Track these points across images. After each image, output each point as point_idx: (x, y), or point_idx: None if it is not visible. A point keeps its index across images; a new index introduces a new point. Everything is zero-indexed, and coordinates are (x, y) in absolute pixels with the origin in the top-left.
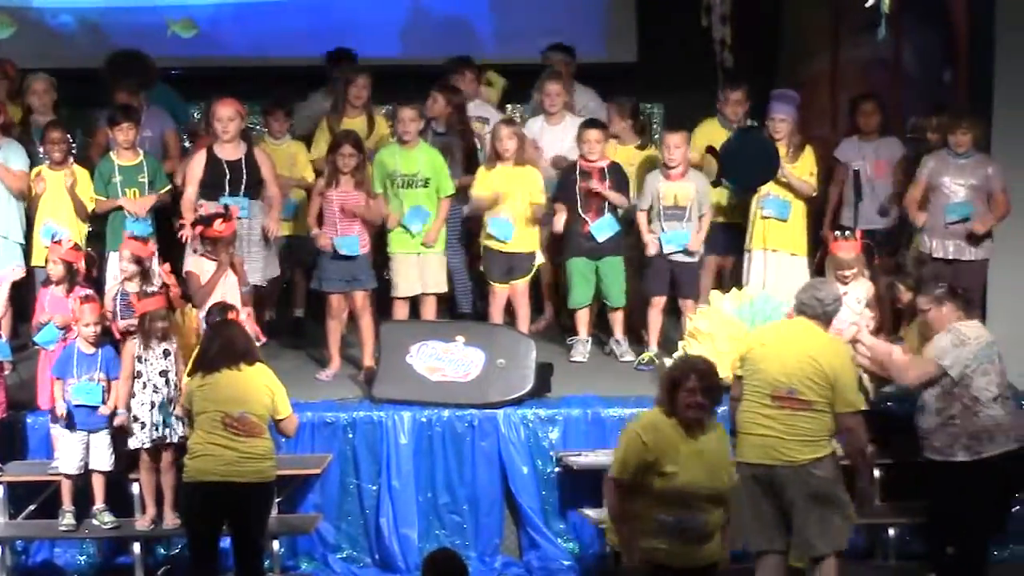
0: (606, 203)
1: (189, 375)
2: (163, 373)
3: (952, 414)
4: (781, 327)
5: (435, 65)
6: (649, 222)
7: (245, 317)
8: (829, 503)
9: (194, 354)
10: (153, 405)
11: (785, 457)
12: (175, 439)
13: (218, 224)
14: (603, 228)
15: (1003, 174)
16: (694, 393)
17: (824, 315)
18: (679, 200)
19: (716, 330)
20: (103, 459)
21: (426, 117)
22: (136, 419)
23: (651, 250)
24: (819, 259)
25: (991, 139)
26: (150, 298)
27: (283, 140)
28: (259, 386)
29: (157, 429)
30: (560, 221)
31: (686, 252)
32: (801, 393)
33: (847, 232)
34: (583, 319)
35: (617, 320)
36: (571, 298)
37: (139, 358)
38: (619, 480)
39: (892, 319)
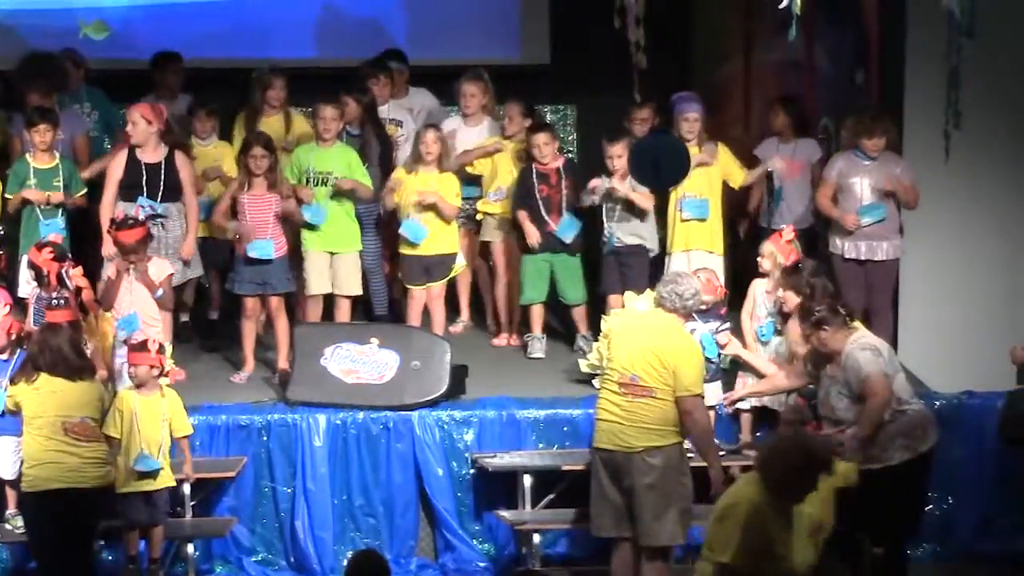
0: (565, 202)
1: (13, 381)
2: None
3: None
4: (638, 317)
5: (348, 67)
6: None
7: (160, 328)
8: (666, 494)
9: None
10: None
11: (624, 443)
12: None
13: (124, 230)
14: (568, 228)
15: (911, 170)
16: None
17: (683, 308)
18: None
19: None
20: (6, 466)
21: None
22: None
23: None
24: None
25: (902, 140)
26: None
27: (209, 141)
28: (94, 391)
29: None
30: (533, 235)
31: (640, 247)
32: (643, 380)
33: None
34: (536, 316)
35: (579, 317)
36: (523, 294)
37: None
38: (734, 567)
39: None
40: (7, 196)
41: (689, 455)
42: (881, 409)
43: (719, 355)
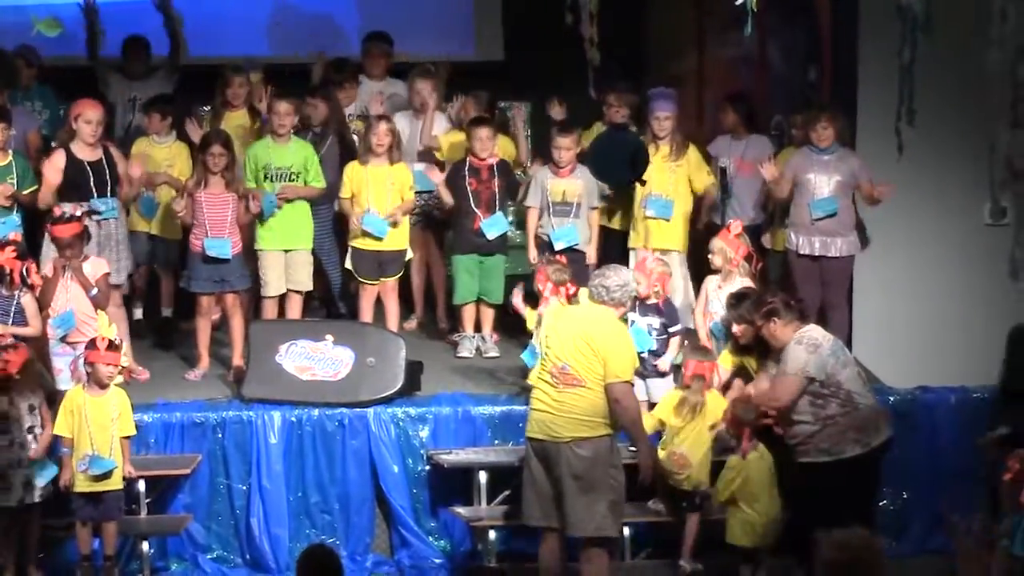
0: (496, 200)
1: None
2: (31, 429)
3: (829, 414)
4: (574, 309)
5: (301, 63)
6: (539, 216)
7: (96, 326)
8: (593, 486)
9: None
10: (21, 463)
11: (553, 433)
12: (36, 498)
13: (59, 224)
14: (494, 226)
15: (866, 166)
16: None
17: (612, 300)
18: (567, 196)
19: None
20: None
21: (306, 120)
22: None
23: (532, 257)
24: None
25: (856, 136)
26: (17, 351)
27: (166, 140)
28: None
29: (30, 487)
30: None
31: (575, 249)
32: (573, 369)
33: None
34: (468, 316)
35: (487, 318)
36: (456, 294)
37: (4, 415)
38: None
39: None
40: None
41: (632, 449)
42: (772, 404)
43: (651, 351)
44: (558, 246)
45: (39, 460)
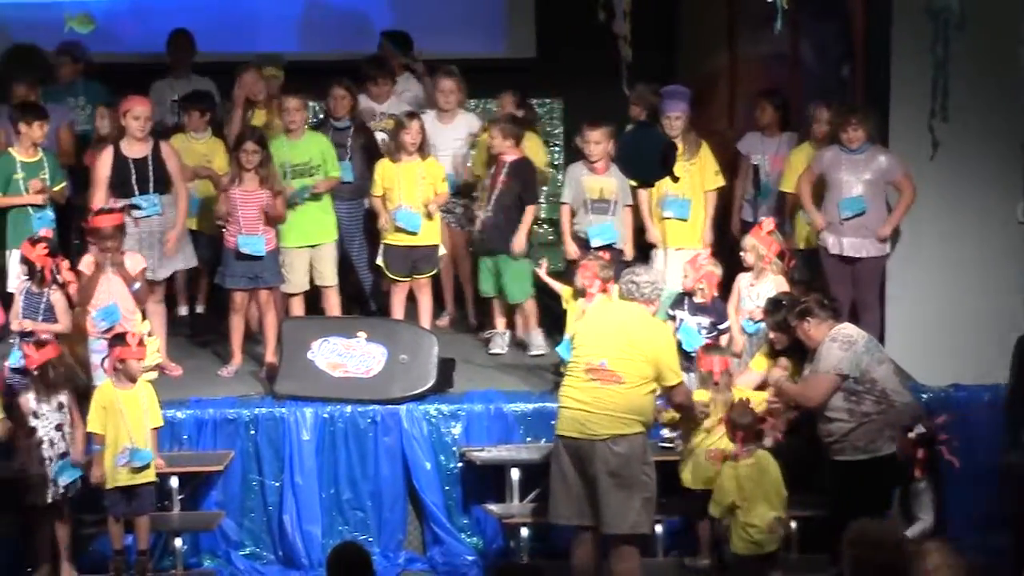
0: (494, 198)
1: None
2: (59, 427)
3: (865, 411)
4: (608, 307)
5: (333, 61)
6: (572, 214)
7: (136, 321)
8: (628, 483)
9: None
10: (51, 460)
11: (589, 431)
12: (72, 493)
13: (101, 215)
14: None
15: (899, 163)
16: None
17: (643, 296)
18: (604, 193)
19: None
20: None
21: (327, 112)
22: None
23: (571, 253)
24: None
25: (888, 134)
26: (44, 347)
27: (203, 136)
28: None
29: (55, 484)
30: (479, 214)
31: (610, 247)
32: (613, 365)
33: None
34: (497, 311)
35: (528, 314)
36: (480, 286)
37: (35, 413)
38: None
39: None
40: None
41: (668, 446)
42: (803, 402)
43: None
44: (595, 243)
45: (64, 459)
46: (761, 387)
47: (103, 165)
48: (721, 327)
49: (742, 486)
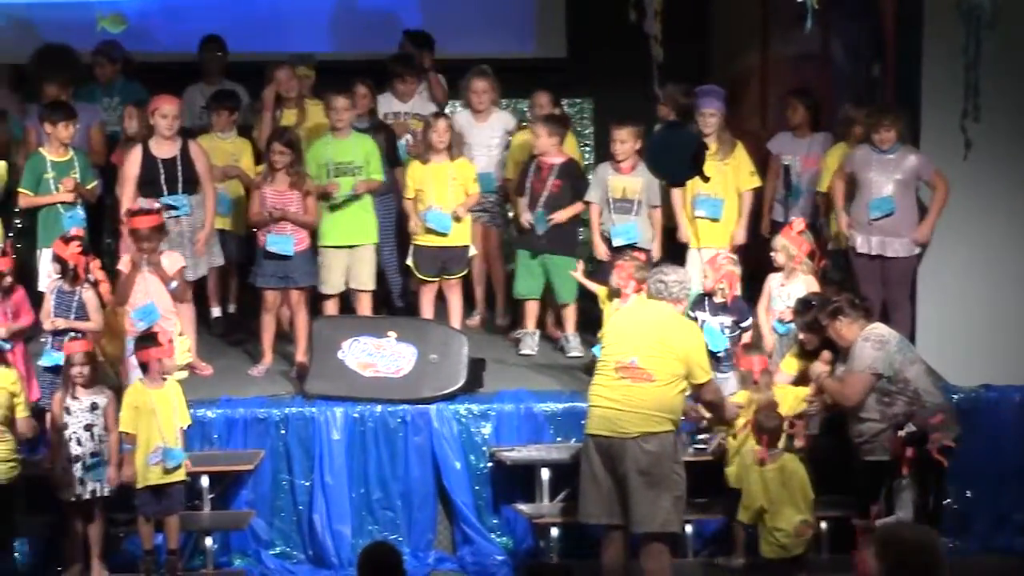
0: (552, 199)
1: None
2: (88, 427)
3: (896, 412)
4: (637, 306)
5: (363, 60)
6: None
7: (175, 321)
8: (658, 481)
9: None
10: (78, 460)
11: (620, 429)
12: (103, 493)
13: (139, 216)
14: (538, 222)
15: (929, 162)
16: None
17: (671, 296)
18: (627, 193)
19: None
20: None
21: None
22: (58, 473)
23: (600, 252)
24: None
25: (919, 134)
26: (75, 342)
27: (228, 136)
28: None
29: (83, 484)
30: (524, 215)
31: (633, 246)
32: (643, 363)
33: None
34: (530, 312)
35: (568, 317)
36: (516, 287)
37: (67, 409)
38: None
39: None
40: (24, 191)
41: (701, 447)
42: (841, 401)
43: (725, 350)
44: (616, 243)
45: (93, 459)
46: (795, 385)
47: (131, 164)
48: (743, 325)
49: (769, 490)
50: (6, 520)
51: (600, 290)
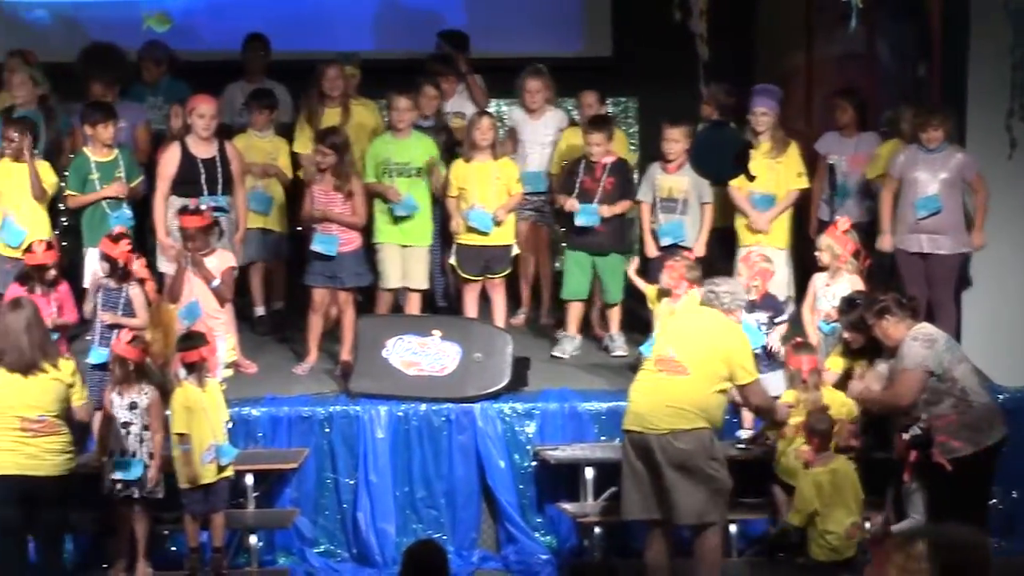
0: (605, 198)
1: None
2: (126, 425)
3: (942, 412)
4: (689, 307)
5: (408, 60)
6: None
7: (223, 320)
8: (693, 475)
9: None
10: (111, 455)
11: (649, 425)
12: (139, 494)
13: (187, 215)
14: (583, 214)
15: (974, 162)
16: None
17: (722, 306)
18: (673, 192)
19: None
20: None
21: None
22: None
23: (651, 251)
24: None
25: (965, 133)
26: (126, 345)
27: (266, 134)
28: (53, 386)
29: (111, 480)
30: (571, 204)
31: (680, 245)
32: (680, 356)
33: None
34: (574, 314)
35: (614, 316)
36: (565, 288)
37: (111, 403)
38: None
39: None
40: (71, 193)
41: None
42: (894, 403)
43: (763, 347)
44: (663, 242)
45: (124, 456)
46: (837, 386)
47: (168, 162)
48: (777, 321)
49: (822, 493)
50: (61, 514)
51: (649, 290)
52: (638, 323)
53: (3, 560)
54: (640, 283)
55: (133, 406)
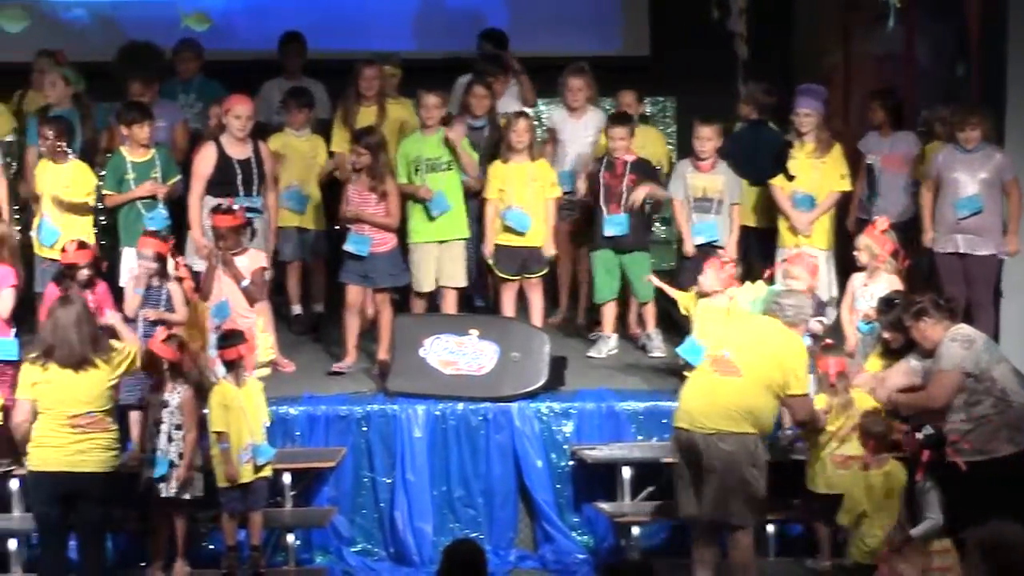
0: (624, 198)
1: (32, 362)
2: (156, 423)
3: (983, 412)
4: (750, 314)
5: (442, 59)
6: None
7: (253, 320)
8: (733, 477)
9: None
10: (144, 451)
11: (697, 424)
12: (168, 493)
13: (219, 215)
14: (611, 224)
15: (1012, 164)
16: None
17: (786, 319)
18: (707, 192)
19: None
20: None
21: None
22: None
23: (688, 248)
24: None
25: (1004, 133)
26: (161, 344)
27: (303, 133)
28: (102, 382)
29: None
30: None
31: (713, 245)
32: (734, 357)
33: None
34: (608, 315)
35: (649, 314)
36: (596, 293)
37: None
38: None
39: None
40: (108, 192)
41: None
42: (928, 405)
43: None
44: (697, 241)
45: (153, 454)
46: None
47: (204, 162)
48: (819, 319)
49: (873, 496)
50: (103, 511)
51: (680, 297)
52: (675, 323)
53: (44, 557)
54: (667, 289)
55: (164, 404)
